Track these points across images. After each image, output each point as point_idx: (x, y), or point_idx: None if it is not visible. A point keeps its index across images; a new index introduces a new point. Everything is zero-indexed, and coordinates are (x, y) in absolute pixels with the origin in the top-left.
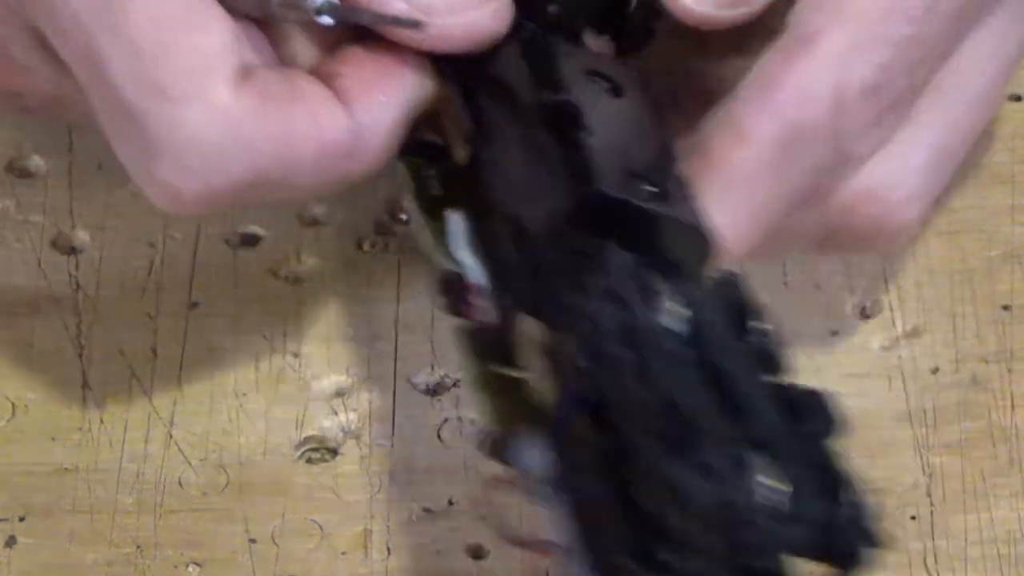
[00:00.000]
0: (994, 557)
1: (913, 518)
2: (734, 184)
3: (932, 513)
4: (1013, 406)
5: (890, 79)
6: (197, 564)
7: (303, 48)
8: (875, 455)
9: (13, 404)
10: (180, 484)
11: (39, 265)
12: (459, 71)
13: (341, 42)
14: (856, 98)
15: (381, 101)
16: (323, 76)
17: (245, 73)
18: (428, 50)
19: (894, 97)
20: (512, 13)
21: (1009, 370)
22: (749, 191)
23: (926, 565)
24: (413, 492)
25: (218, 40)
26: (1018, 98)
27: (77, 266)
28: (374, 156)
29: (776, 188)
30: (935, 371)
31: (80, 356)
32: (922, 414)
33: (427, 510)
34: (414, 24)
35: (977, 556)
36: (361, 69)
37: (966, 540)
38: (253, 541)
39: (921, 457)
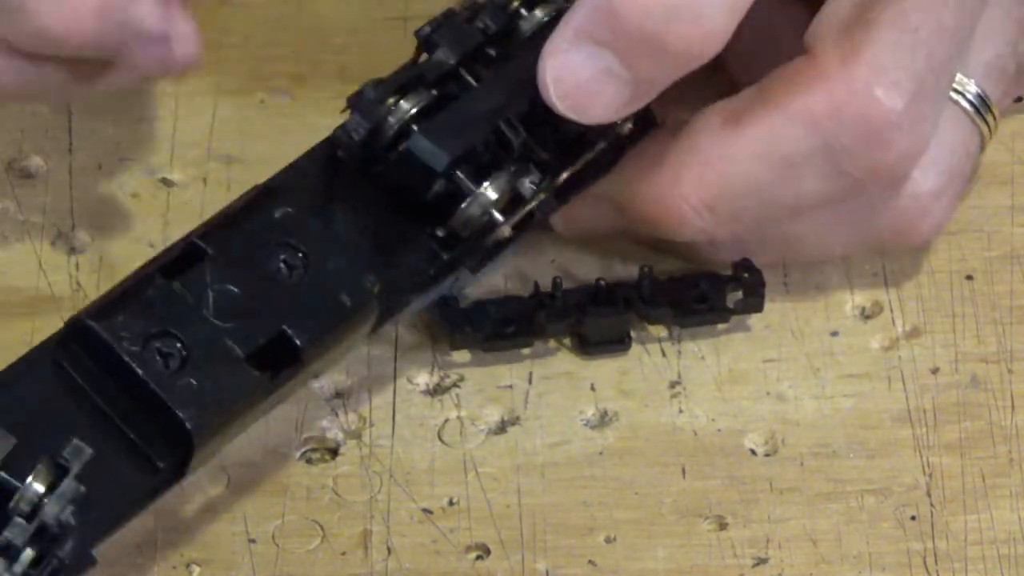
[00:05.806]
0: (994, 557)
1: (913, 518)
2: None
3: (932, 513)
4: (1013, 406)
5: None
6: (197, 564)
7: None
8: (875, 455)
9: None
10: (180, 484)
11: (39, 265)
12: None
13: None
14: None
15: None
16: None
17: None
18: None
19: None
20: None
21: (1009, 370)
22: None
23: (926, 565)
24: (413, 492)
25: None
26: (1018, 99)
27: (77, 266)
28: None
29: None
30: (935, 371)
31: None
32: (922, 414)
33: (427, 510)
34: None
35: (977, 556)
36: None
37: (966, 540)
38: (253, 541)
39: (921, 457)
